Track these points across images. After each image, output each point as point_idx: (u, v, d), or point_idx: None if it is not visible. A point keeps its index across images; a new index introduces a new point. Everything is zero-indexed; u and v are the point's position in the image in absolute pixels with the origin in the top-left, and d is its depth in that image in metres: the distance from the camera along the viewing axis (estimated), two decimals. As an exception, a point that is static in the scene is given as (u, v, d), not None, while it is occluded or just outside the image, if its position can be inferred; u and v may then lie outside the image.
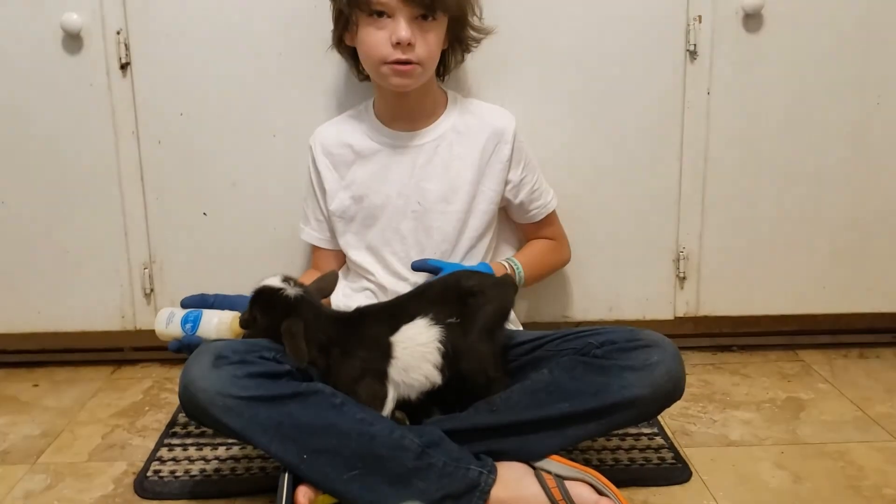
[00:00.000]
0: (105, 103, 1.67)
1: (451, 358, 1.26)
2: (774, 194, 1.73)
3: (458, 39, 1.52)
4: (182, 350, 1.32)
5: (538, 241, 1.64)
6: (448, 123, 1.54)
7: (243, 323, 1.28)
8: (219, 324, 1.30)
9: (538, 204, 1.60)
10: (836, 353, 1.87)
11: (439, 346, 1.25)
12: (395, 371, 1.25)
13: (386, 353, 1.25)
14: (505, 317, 1.34)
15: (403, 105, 1.50)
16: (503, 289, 1.33)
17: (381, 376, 1.25)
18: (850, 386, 1.70)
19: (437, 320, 1.26)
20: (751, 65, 1.67)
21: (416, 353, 1.25)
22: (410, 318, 1.27)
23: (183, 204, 1.72)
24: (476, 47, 1.55)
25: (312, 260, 1.65)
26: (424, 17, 1.40)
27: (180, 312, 1.34)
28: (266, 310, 1.25)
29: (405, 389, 1.26)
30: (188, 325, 1.32)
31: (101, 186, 1.71)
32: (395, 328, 1.27)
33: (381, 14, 1.39)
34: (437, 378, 1.26)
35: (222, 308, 1.35)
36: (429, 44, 1.41)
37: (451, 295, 1.29)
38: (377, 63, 1.43)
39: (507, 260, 1.56)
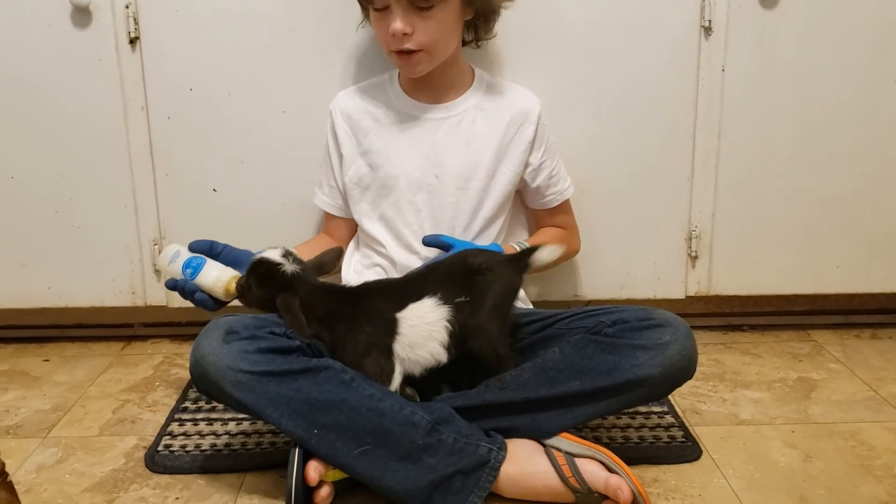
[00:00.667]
0: (114, 78, 1.66)
1: (458, 337, 1.26)
2: (788, 173, 1.72)
3: (480, 7, 1.49)
4: (175, 290, 1.34)
5: (550, 228, 1.64)
6: (473, 100, 1.53)
7: (238, 289, 1.29)
8: (216, 280, 1.31)
9: (555, 190, 1.59)
10: (849, 333, 1.86)
11: (447, 325, 1.25)
12: (401, 347, 1.25)
13: (391, 329, 1.25)
14: (514, 294, 1.33)
15: (426, 78, 1.50)
16: (510, 266, 1.32)
17: (387, 351, 1.25)
18: (862, 366, 1.69)
19: (446, 300, 1.26)
20: (766, 41, 1.65)
21: (424, 331, 1.25)
22: (418, 297, 1.27)
23: (192, 180, 1.72)
24: (499, 16, 1.53)
25: (324, 225, 1.65)
26: (420, 5, 1.38)
27: (186, 255, 1.35)
28: (261, 282, 1.27)
29: (410, 365, 1.27)
30: (188, 271, 1.33)
31: (110, 162, 1.71)
32: (401, 305, 1.27)
33: (381, 7, 1.40)
34: (442, 356, 1.26)
35: (227, 260, 1.36)
36: (430, 30, 1.40)
37: (458, 273, 1.29)
38: (386, 51, 1.45)
39: (519, 243, 1.55)
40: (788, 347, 1.79)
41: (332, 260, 1.38)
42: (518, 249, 1.51)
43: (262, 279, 1.26)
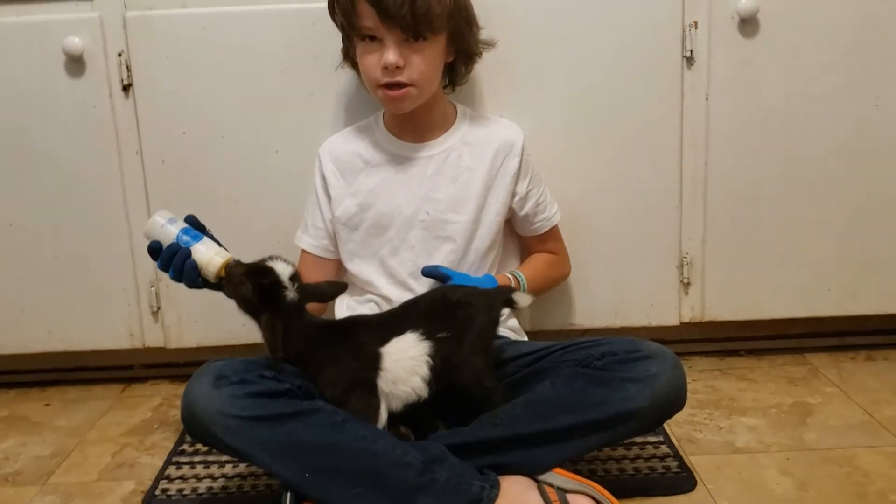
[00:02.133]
0: (108, 124, 1.69)
1: (439, 372, 1.27)
2: (776, 197, 1.73)
3: (462, 51, 1.51)
4: (158, 255, 1.30)
5: (540, 254, 1.65)
6: (458, 135, 1.55)
7: (228, 274, 1.27)
8: (212, 258, 1.28)
9: (542, 217, 1.61)
10: (844, 355, 1.86)
11: (428, 359, 1.26)
12: (384, 382, 1.26)
13: (374, 364, 1.26)
14: (494, 327, 1.34)
15: (411, 118, 1.52)
16: (489, 298, 1.34)
17: (372, 387, 1.26)
18: (857, 389, 1.69)
19: (427, 335, 1.27)
20: (748, 69, 1.66)
21: (406, 365, 1.26)
22: (401, 332, 1.28)
23: (187, 222, 1.73)
24: (480, 59, 1.55)
25: (298, 267, 1.62)
26: (413, 38, 1.40)
27: (181, 224, 1.32)
28: (259, 290, 1.24)
29: (392, 400, 1.27)
30: (186, 238, 1.29)
31: (106, 206, 1.73)
32: (384, 340, 1.28)
33: (371, 38, 1.41)
34: (423, 391, 1.27)
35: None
36: (420, 65, 1.41)
37: (438, 308, 1.30)
38: (373, 86, 1.46)
39: (511, 272, 1.57)
40: (784, 371, 1.79)
41: (332, 293, 1.37)
42: (511, 279, 1.53)
43: (260, 289, 1.24)
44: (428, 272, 1.47)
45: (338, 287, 1.39)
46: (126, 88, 1.68)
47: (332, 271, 1.61)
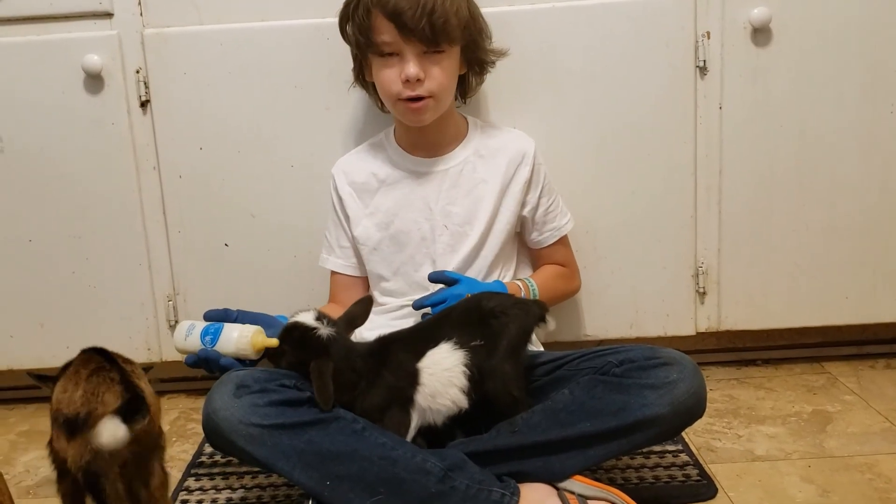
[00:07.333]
0: (126, 140, 1.71)
1: (476, 381, 1.27)
2: (791, 206, 1.73)
3: (475, 62, 1.53)
4: (199, 365, 1.32)
5: (550, 266, 1.65)
6: (471, 148, 1.56)
7: (271, 356, 1.28)
8: (239, 338, 1.28)
9: (552, 226, 1.61)
10: (863, 363, 1.85)
11: (465, 369, 1.26)
12: (423, 398, 1.26)
13: (413, 381, 1.26)
14: (528, 336, 1.34)
15: (424, 134, 1.53)
16: (524, 308, 1.34)
17: (407, 404, 1.26)
18: (877, 397, 1.68)
19: (461, 344, 1.27)
20: (761, 78, 1.67)
21: (443, 378, 1.26)
22: (435, 343, 1.28)
23: (204, 236, 1.75)
24: (492, 69, 1.57)
25: (332, 292, 1.64)
26: (432, 50, 1.41)
27: (201, 325, 1.33)
28: (296, 347, 1.26)
29: (431, 415, 1.28)
30: (207, 338, 1.30)
31: (124, 221, 1.75)
32: (420, 354, 1.28)
33: (390, 53, 1.43)
34: (463, 402, 1.27)
35: (244, 323, 1.33)
36: (439, 76, 1.43)
37: (472, 317, 1.30)
38: (392, 100, 1.47)
39: (522, 279, 1.57)
40: (802, 380, 1.79)
41: (364, 312, 1.35)
42: (520, 285, 1.53)
43: (296, 344, 1.26)
44: (435, 278, 1.48)
45: (365, 303, 1.35)
46: (144, 105, 1.70)
47: (365, 289, 1.61)
